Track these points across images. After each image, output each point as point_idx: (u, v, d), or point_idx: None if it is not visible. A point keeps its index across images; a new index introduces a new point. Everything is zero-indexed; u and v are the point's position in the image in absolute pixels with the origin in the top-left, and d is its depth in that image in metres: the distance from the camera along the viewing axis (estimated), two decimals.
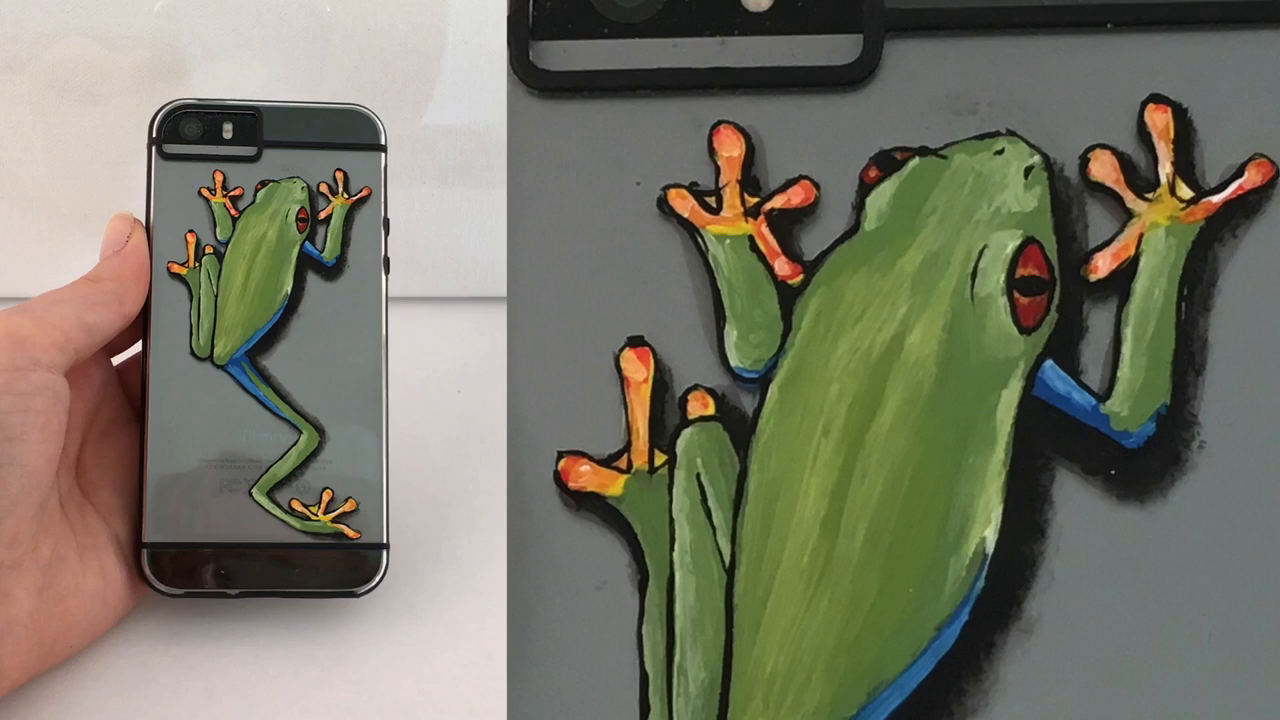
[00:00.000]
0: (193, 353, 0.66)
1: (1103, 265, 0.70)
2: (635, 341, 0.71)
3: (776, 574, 0.68)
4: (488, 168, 0.79)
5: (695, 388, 0.70)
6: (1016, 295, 0.68)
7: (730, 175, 0.71)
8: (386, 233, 0.67)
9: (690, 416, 0.70)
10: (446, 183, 0.81)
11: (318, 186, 0.66)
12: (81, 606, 0.63)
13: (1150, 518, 0.68)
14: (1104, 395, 0.69)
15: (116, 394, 0.69)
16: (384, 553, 0.67)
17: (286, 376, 0.66)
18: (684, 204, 0.71)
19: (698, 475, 0.69)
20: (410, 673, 0.65)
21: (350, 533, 0.65)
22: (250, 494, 0.65)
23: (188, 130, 0.69)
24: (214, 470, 0.65)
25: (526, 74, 0.72)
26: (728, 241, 0.71)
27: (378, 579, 0.66)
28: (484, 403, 0.73)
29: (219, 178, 0.66)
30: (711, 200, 0.71)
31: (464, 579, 0.68)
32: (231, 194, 0.69)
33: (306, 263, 0.68)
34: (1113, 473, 0.68)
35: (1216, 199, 0.70)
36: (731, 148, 0.72)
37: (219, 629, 0.66)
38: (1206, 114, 0.71)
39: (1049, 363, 0.69)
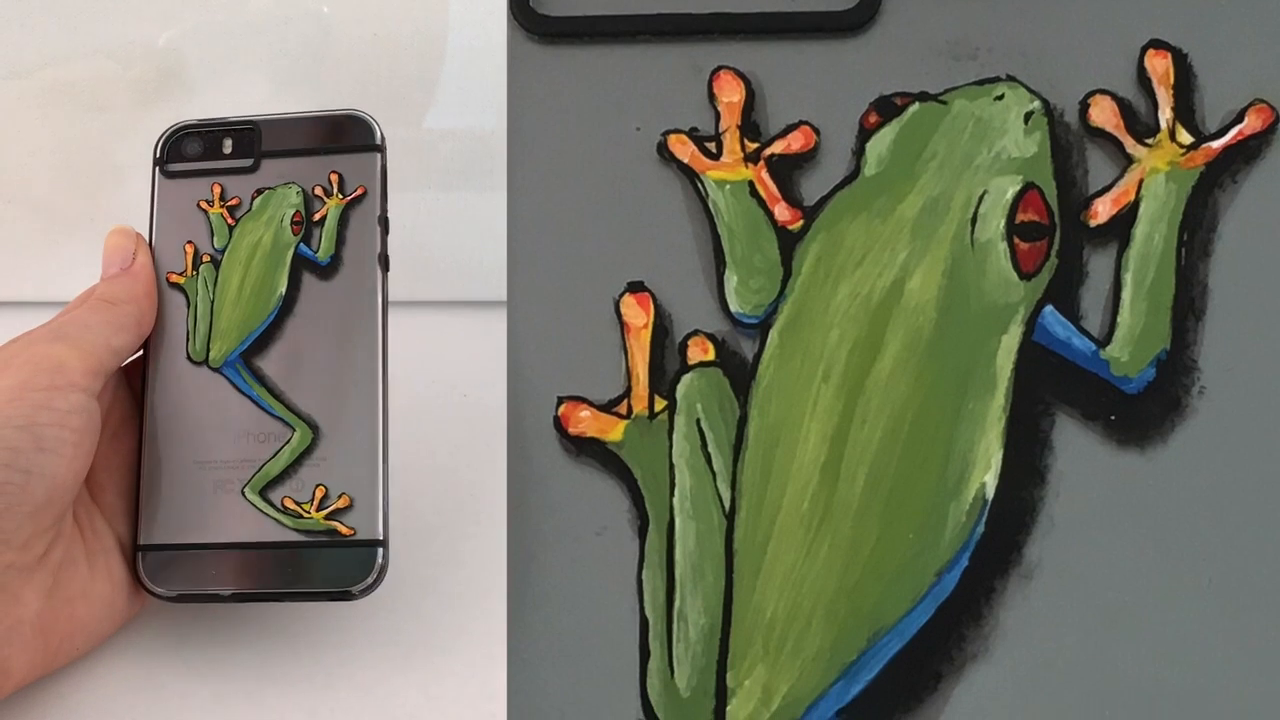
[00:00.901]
0: (189, 358, 0.65)
1: (1103, 211, 0.69)
2: (635, 287, 0.70)
3: (776, 519, 0.67)
4: (491, 171, 0.79)
5: (695, 333, 0.70)
6: (1016, 240, 0.68)
7: (730, 121, 0.71)
8: (385, 231, 0.66)
9: (690, 362, 0.69)
10: (450, 187, 0.81)
11: (313, 190, 0.65)
12: (89, 609, 0.63)
13: (1150, 463, 0.68)
14: (1104, 341, 0.68)
15: (126, 397, 0.69)
16: (379, 549, 0.64)
17: (281, 375, 0.65)
18: (684, 149, 0.70)
19: (698, 420, 0.69)
20: (416, 677, 0.65)
21: (344, 529, 0.63)
22: (243, 493, 0.64)
23: (189, 149, 0.69)
24: (208, 471, 0.64)
25: (527, 19, 0.71)
26: (728, 187, 0.70)
27: (373, 577, 0.63)
28: (489, 406, 0.72)
29: (217, 190, 0.66)
30: (711, 146, 0.71)
31: (470, 583, 0.68)
32: (229, 204, 0.68)
33: (301, 263, 0.67)
34: (1113, 418, 0.68)
35: (1216, 144, 0.69)
36: (731, 93, 0.71)
37: (226, 633, 0.65)
38: (1206, 59, 0.70)
39: (1049, 308, 0.68)
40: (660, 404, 0.69)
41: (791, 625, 0.66)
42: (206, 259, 0.67)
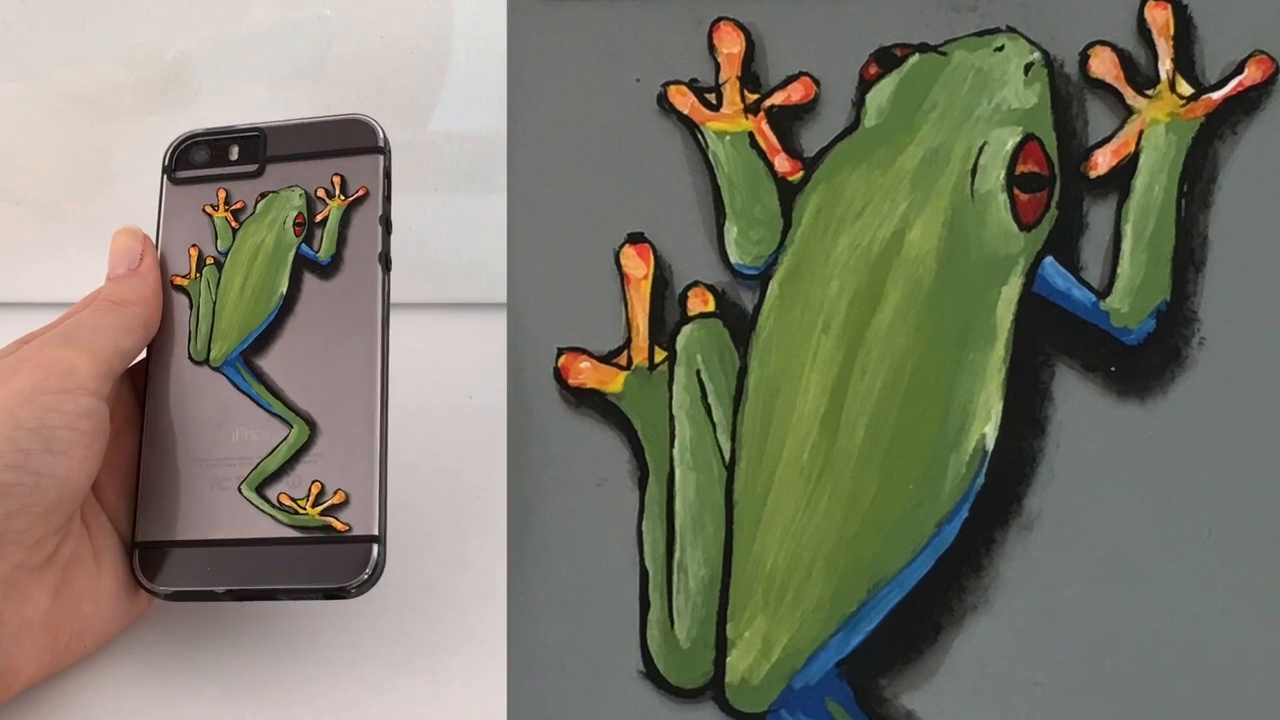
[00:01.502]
0: (190, 358, 0.65)
1: (1103, 162, 0.68)
2: (635, 238, 0.69)
3: (776, 470, 0.67)
4: (495, 174, 0.78)
5: (695, 284, 0.69)
6: (1016, 192, 0.67)
7: (730, 72, 0.70)
8: (387, 231, 0.65)
9: (690, 313, 0.69)
10: (455, 189, 0.81)
11: (315, 192, 0.65)
12: (96, 608, 0.63)
13: (1150, 414, 0.67)
14: (1104, 292, 0.68)
15: (129, 397, 0.68)
16: (375, 545, 0.63)
17: (280, 373, 0.64)
18: (684, 101, 0.70)
19: (698, 372, 0.68)
20: (422, 675, 0.65)
21: (338, 525, 0.63)
22: (239, 490, 0.63)
23: (196, 157, 0.68)
24: (206, 469, 0.64)
25: None
26: (728, 138, 0.70)
27: (369, 573, 0.62)
28: (494, 407, 0.72)
29: (222, 194, 0.67)
30: (711, 97, 0.70)
31: (475, 582, 0.68)
32: (233, 208, 0.68)
33: (303, 264, 0.66)
34: (1113, 369, 0.67)
35: (1217, 95, 0.69)
36: (731, 44, 0.70)
37: (233, 632, 0.65)
38: (1206, 10, 0.69)
39: (1049, 259, 0.68)
40: (660, 355, 0.68)
41: (791, 576, 0.66)
42: (210, 261, 0.67)
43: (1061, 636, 0.66)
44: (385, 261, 0.66)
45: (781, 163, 0.68)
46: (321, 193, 0.66)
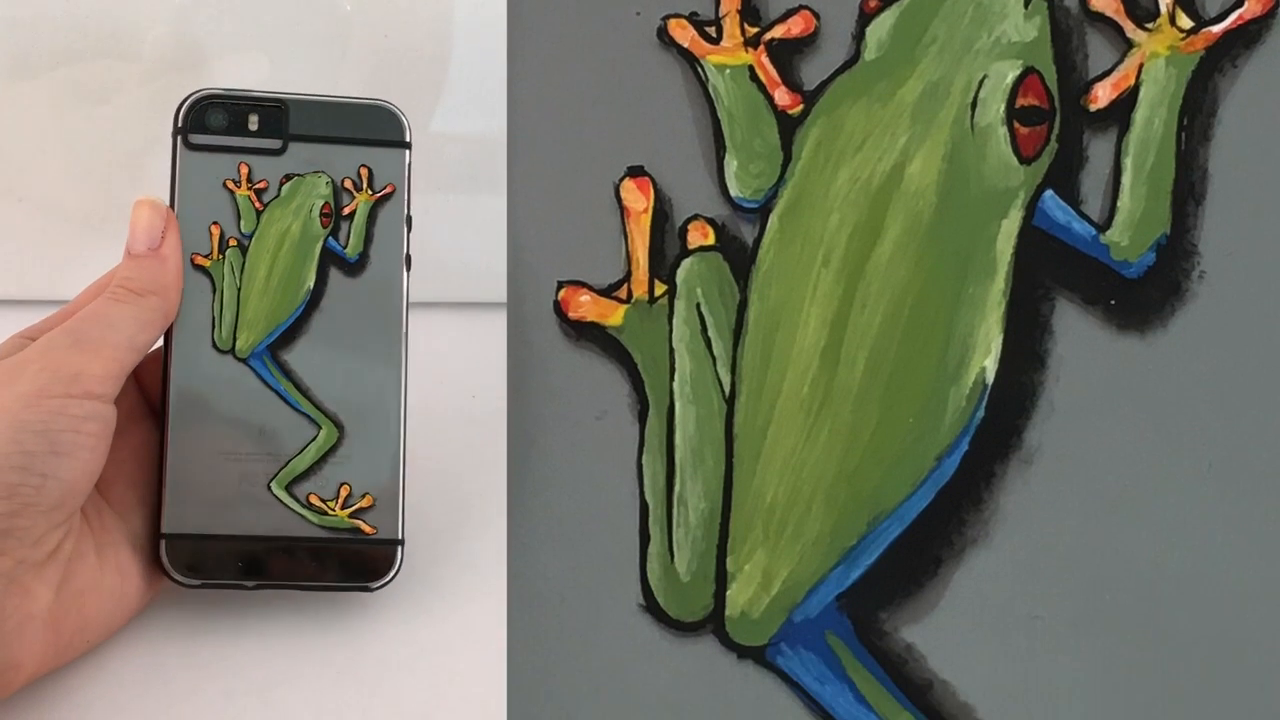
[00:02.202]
0: (215, 346, 0.64)
1: (1103, 95, 0.68)
2: (635, 171, 0.69)
3: (776, 404, 0.66)
4: (497, 175, 0.78)
5: (695, 217, 0.68)
6: (1016, 125, 0.67)
7: (730, 5, 0.69)
8: (409, 230, 0.65)
9: (690, 246, 0.68)
10: (457, 190, 0.80)
11: (342, 182, 0.64)
12: (98, 602, 0.61)
13: (1150, 347, 0.67)
14: (1104, 225, 0.67)
15: (132, 390, 0.67)
16: (399, 548, 0.64)
17: (307, 371, 0.64)
18: (684, 34, 0.69)
19: (698, 305, 0.68)
20: (425, 674, 0.64)
21: (366, 528, 0.63)
22: (269, 487, 0.63)
23: (213, 121, 0.65)
24: (233, 463, 0.63)
25: None
26: (727, 71, 0.69)
27: (392, 574, 0.64)
28: (497, 408, 0.71)
29: (244, 170, 0.64)
30: (711, 30, 0.69)
31: (479, 581, 0.67)
32: (256, 187, 0.65)
33: (329, 258, 0.65)
34: (1113, 303, 0.67)
35: (1217, 29, 0.68)
36: None
37: (237, 630, 0.64)
38: None
39: (1049, 193, 0.67)
40: (660, 288, 0.67)
41: (791, 510, 0.66)
42: (233, 243, 0.65)
43: (1061, 570, 0.65)
44: (408, 262, 0.65)
45: (781, 96, 0.68)
46: (349, 184, 0.65)
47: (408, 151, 0.65)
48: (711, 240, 0.67)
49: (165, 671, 0.64)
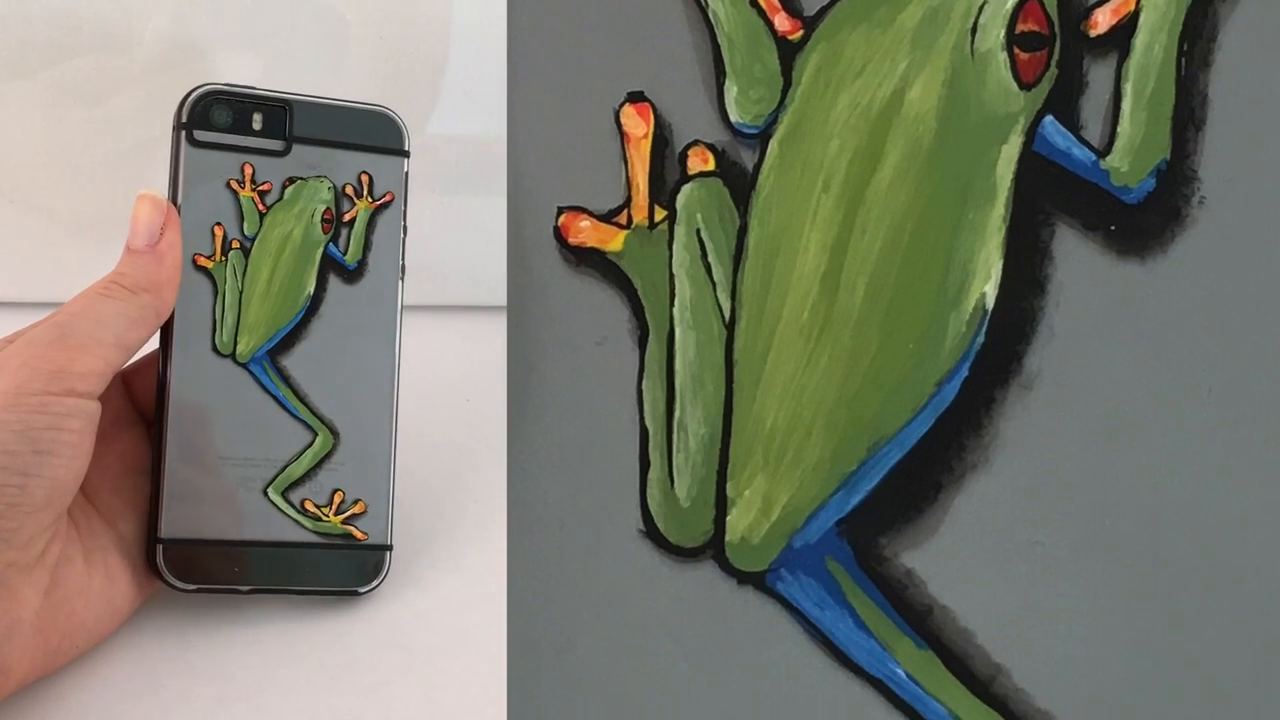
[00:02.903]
0: (215, 349, 0.63)
1: (1103, 21, 0.67)
2: (635, 97, 0.68)
3: (776, 329, 0.66)
4: (494, 177, 0.77)
5: (695, 143, 0.68)
6: (1016, 50, 0.66)
7: None
8: (405, 239, 0.65)
9: (690, 172, 0.68)
10: (454, 192, 0.80)
11: (343, 188, 0.64)
12: (87, 607, 0.61)
13: (1150, 273, 0.66)
14: (1104, 151, 0.66)
15: (119, 396, 0.66)
16: (387, 554, 0.66)
17: (304, 377, 0.64)
18: None
19: (698, 230, 0.67)
20: (418, 680, 0.64)
21: (358, 534, 0.65)
22: (265, 493, 0.63)
23: (217, 117, 0.65)
24: (230, 468, 0.63)
25: None
26: None
27: (379, 579, 0.65)
28: (491, 411, 0.71)
29: (248, 170, 0.64)
30: None
31: (472, 586, 0.67)
32: (260, 188, 0.65)
33: (329, 264, 0.65)
34: (1113, 228, 0.66)
35: None
36: None
37: (229, 635, 0.64)
38: None
39: (1049, 118, 0.67)
40: (660, 214, 0.67)
41: (791, 435, 0.65)
42: (236, 245, 0.65)
43: (1061, 495, 0.65)
44: (403, 271, 0.65)
45: (781, 21, 0.67)
46: (349, 190, 0.65)
47: (406, 160, 0.66)
48: (711, 166, 0.67)
49: (157, 677, 0.63)
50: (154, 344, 0.64)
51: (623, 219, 0.67)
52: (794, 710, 0.64)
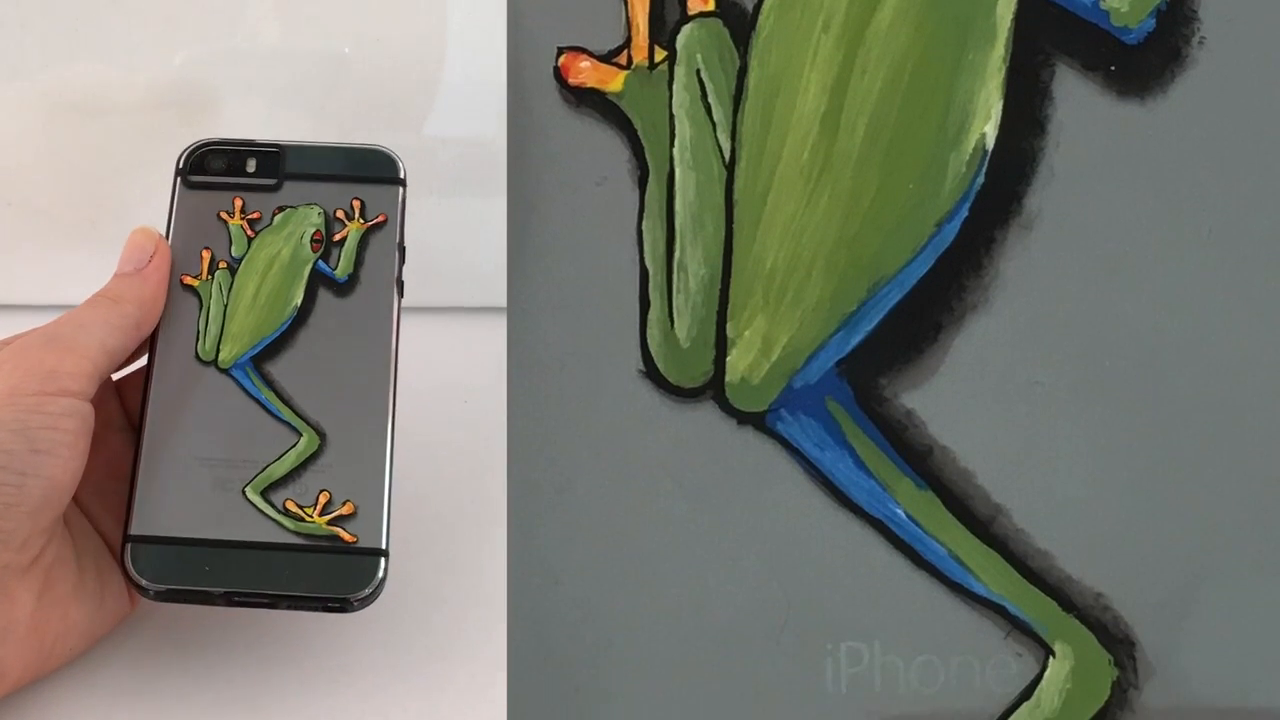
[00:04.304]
0: (197, 357, 0.63)
1: None
2: None
3: (776, 170, 0.65)
4: (491, 177, 0.77)
5: None
6: None
7: None
8: (402, 259, 0.65)
9: (690, 12, 0.67)
10: (451, 193, 0.80)
11: (334, 213, 0.64)
12: (80, 609, 0.61)
13: (1150, 113, 0.65)
14: None
15: (110, 400, 0.66)
16: (382, 559, 0.61)
17: (290, 382, 0.63)
18: None
19: (698, 71, 0.66)
20: (417, 684, 0.63)
21: (346, 536, 0.61)
22: (243, 493, 0.61)
23: (213, 165, 0.66)
24: (208, 468, 0.62)
25: None
26: None
27: (372, 588, 0.61)
28: (490, 412, 0.70)
29: (238, 203, 0.65)
30: None
31: (471, 590, 0.66)
32: (249, 217, 0.65)
33: (319, 279, 0.65)
34: (1113, 69, 0.65)
35: None
36: None
37: (225, 639, 0.64)
38: None
39: None
40: (660, 54, 0.66)
41: (791, 276, 0.64)
42: (223, 265, 0.65)
43: (1061, 335, 0.64)
44: (400, 286, 0.64)
45: None
46: (340, 214, 0.64)
47: (402, 188, 0.65)
48: (711, 6, 0.66)
49: (153, 680, 0.63)
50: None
51: (623, 59, 0.66)
52: (793, 550, 0.64)
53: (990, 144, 0.64)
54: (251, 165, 0.67)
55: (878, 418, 0.64)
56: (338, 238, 0.65)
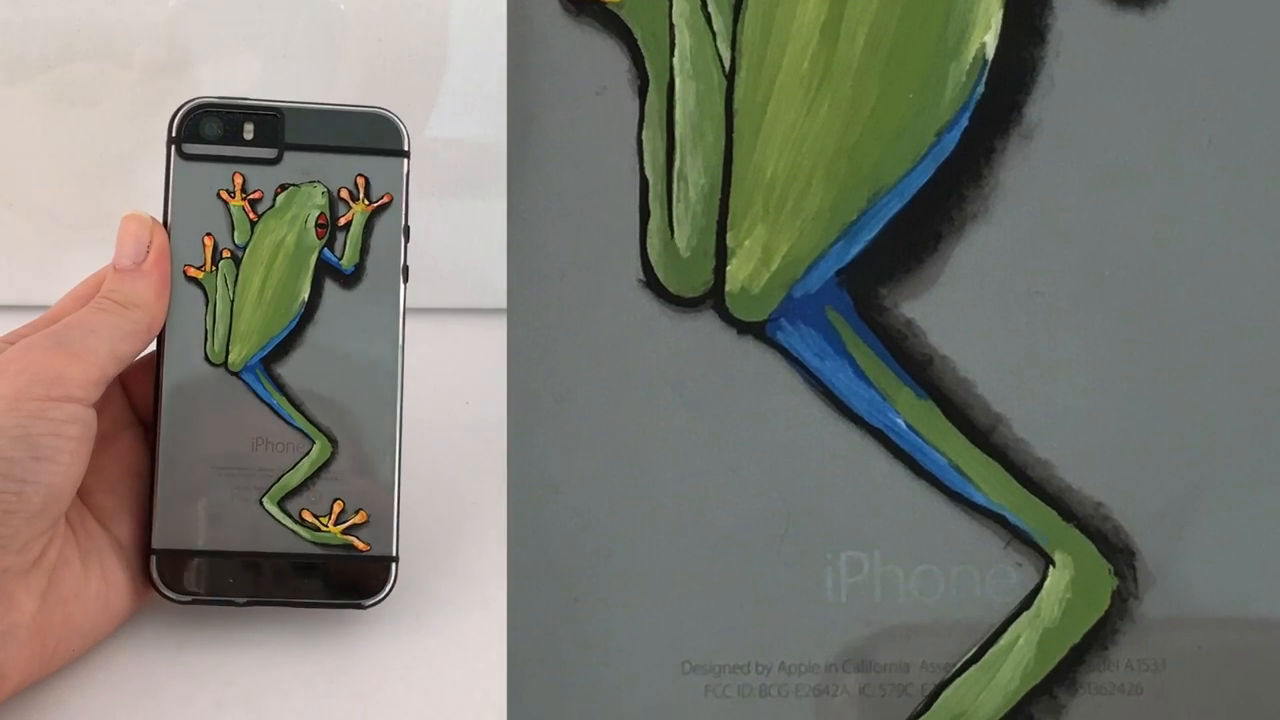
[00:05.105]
0: (207, 359, 0.63)
1: None
2: None
3: (776, 79, 0.65)
4: (492, 179, 0.77)
5: None
6: None
7: None
8: (406, 240, 0.64)
9: None
10: (452, 195, 0.79)
11: (338, 192, 0.63)
12: (83, 610, 0.61)
13: (1150, 23, 0.65)
14: None
15: (117, 398, 0.65)
16: (393, 565, 0.63)
17: (301, 385, 0.63)
18: None
19: None
20: (417, 685, 0.63)
21: (360, 544, 0.62)
22: (261, 503, 0.62)
23: (208, 130, 0.64)
24: (225, 478, 0.62)
25: None
26: None
27: (385, 592, 0.63)
28: (491, 415, 0.70)
29: (238, 180, 0.63)
30: None
31: (471, 591, 0.66)
32: (251, 197, 0.63)
33: (324, 270, 0.64)
34: None
35: None
36: None
37: (227, 638, 0.63)
38: None
39: None
40: None
41: (791, 185, 0.64)
42: (226, 254, 0.64)
43: (1061, 245, 0.64)
44: (405, 272, 0.64)
45: None
46: (345, 194, 0.63)
47: (406, 160, 0.64)
48: None
49: (156, 680, 0.63)
50: (152, 347, 0.64)
51: None
52: (793, 459, 0.63)
53: (990, 53, 0.64)
54: (249, 131, 0.65)
55: (877, 327, 0.64)
56: (342, 221, 0.64)
